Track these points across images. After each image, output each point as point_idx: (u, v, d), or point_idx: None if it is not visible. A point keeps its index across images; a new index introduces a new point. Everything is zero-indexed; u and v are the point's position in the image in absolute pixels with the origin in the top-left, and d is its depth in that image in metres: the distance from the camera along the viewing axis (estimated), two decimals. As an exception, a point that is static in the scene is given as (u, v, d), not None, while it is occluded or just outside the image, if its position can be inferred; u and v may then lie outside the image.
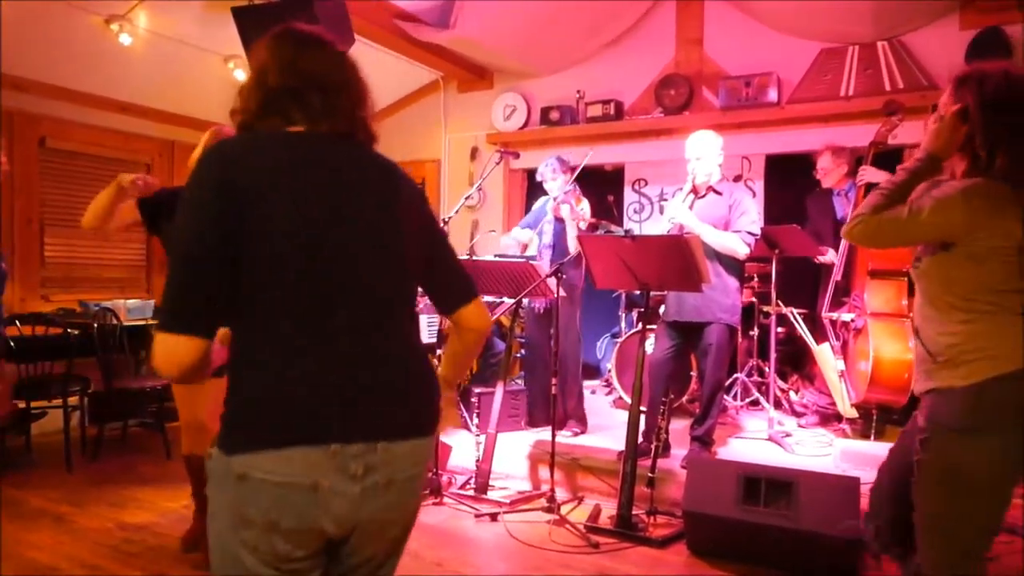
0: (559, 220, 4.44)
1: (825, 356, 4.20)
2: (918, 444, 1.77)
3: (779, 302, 4.47)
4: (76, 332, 4.38)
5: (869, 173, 3.93)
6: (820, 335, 4.36)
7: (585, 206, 4.39)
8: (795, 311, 4.54)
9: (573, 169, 4.56)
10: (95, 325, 4.54)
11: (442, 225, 1.51)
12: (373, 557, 1.31)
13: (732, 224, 3.71)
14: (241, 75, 5.25)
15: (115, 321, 4.71)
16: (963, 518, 1.70)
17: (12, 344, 4.16)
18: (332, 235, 1.23)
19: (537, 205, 4.79)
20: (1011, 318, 1.68)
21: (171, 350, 1.15)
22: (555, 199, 4.48)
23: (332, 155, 1.29)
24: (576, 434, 4.34)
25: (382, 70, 5.84)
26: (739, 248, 3.65)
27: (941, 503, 1.72)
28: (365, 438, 1.20)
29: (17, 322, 4.22)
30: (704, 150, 3.78)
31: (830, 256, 4.43)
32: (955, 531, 1.72)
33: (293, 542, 1.19)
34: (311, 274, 1.20)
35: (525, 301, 4.31)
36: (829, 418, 4.54)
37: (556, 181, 4.49)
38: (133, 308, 5.06)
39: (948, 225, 1.71)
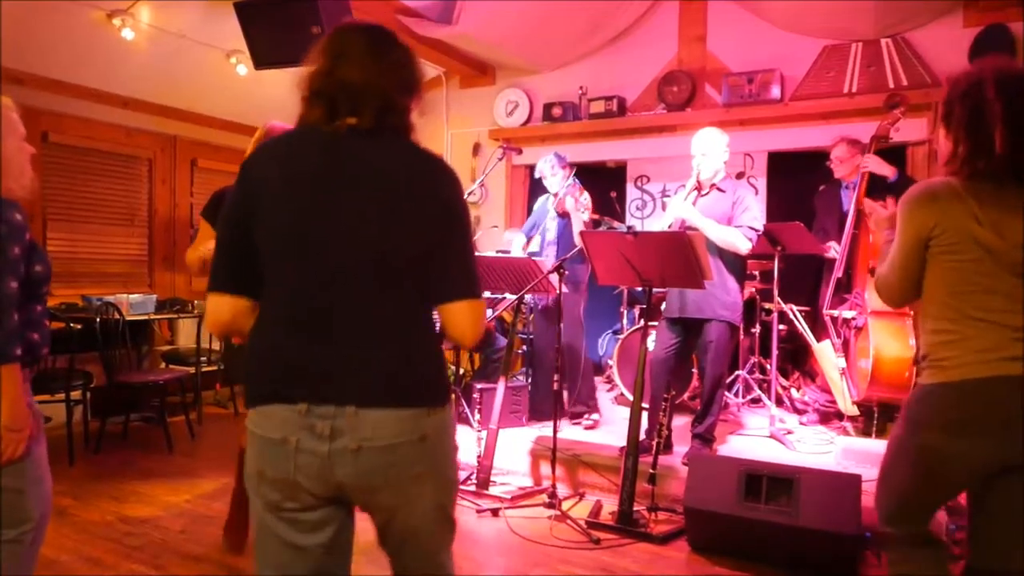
0: (562, 216, 4.49)
1: (825, 353, 4.20)
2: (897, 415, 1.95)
3: (778, 299, 4.46)
4: (78, 327, 4.39)
5: (872, 162, 3.92)
6: (822, 332, 4.35)
7: (586, 198, 4.42)
8: (795, 308, 4.54)
9: (571, 164, 4.59)
10: (97, 320, 4.54)
11: (465, 221, 1.45)
12: (388, 522, 1.41)
13: (734, 220, 3.70)
14: (243, 70, 5.24)
15: (117, 316, 4.71)
16: (900, 483, 1.85)
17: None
18: (319, 224, 1.34)
19: (537, 205, 4.83)
20: (968, 325, 1.69)
21: (210, 307, 1.41)
22: (556, 194, 4.53)
23: (334, 149, 1.37)
24: (589, 427, 4.46)
25: (384, 66, 5.84)
26: (741, 244, 3.64)
27: (889, 462, 1.88)
28: (334, 402, 1.31)
29: (19, 316, 4.22)
30: (710, 147, 3.77)
31: (834, 251, 4.42)
32: (892, 488, 1.87)
33: (279, 492, 1.34)
34: (298, 258, 1.34)
35: (528, 297, 4.31)
36: (830, 416, 4.54)
37: (556, 177, 4.58)
38: (135, 303, 5.06)
39: (907, 237, 1.75)
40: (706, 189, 3.83)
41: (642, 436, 3.50)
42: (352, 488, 1.34)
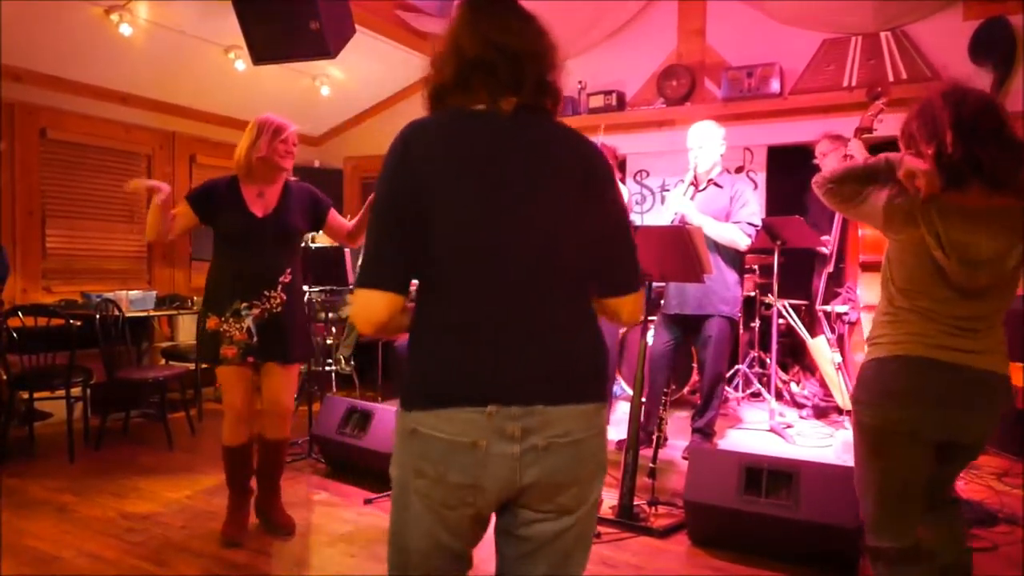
0: None
1: (820, 349, 4.20)
2: None
3: (772, 295, 4.45)
4: (78, 323, 4.38)
5: (855, 146, 3.92)
6: (818, 327, 4.36)
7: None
8: (789, 304, 4.53)
9: (615, 155, 4.47)
10: (97, 316, 4.54)
11: (622, 202, 1.47)
12: (556, 524, 1.34)
13: (733, 215, 3.70)
14: (242, 66, 5.23)
15: (117, 312, 4.71)
16: (870, 480, 1.92)
17: (15, 335, 4.17)
18: (500, 213, 1.28)
19: None
20: (909, 314, 1.83)
21: (365, 304, 1.27)
22: None
23: (507, 135, 1.31)
24: None
25: (383, 61, 5.82)
26: (740, 239, 3.64)
27: (857, 464, 1.97)
28: (522, 402, 1.26)
29: (20, 313, 4.22)
30: (706, 140, 3.77)
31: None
32: (866, 490, 1.94)
33: (459, 496, 1.28)
34: (479, 251, 1.27)
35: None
36: (828, 410, 4.54)
37: None
38: (135, 299, 5.06)
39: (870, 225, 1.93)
40: (703, 183, 3.82)
41: (641, 431, 3.50)
42: (537, 488, 1.29)
